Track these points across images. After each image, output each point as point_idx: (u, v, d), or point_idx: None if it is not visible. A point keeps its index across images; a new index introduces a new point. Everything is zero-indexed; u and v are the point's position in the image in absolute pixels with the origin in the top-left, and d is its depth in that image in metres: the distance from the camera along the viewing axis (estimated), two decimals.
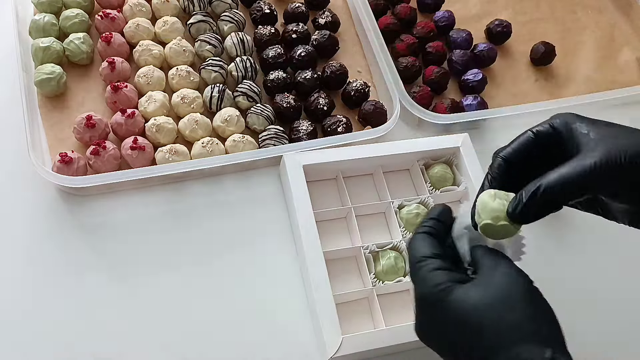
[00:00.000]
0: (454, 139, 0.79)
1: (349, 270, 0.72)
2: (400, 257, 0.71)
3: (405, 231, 0.73)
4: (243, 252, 0.72)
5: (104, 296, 0.67)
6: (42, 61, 0.77)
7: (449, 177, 0.78)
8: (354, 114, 0.85)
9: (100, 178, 0.70)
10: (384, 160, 0.77)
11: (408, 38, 0.91)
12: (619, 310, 0.75)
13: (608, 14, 1.07)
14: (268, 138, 0.77)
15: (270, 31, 0.86)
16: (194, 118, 0.76)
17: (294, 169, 0.72)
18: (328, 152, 0.75)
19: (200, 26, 0.85)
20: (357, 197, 0.76)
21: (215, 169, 0.75)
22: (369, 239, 0.73)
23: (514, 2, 1.05)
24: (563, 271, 0.77)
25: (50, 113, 0.77)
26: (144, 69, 0.79)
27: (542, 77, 0.96)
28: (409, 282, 0.69)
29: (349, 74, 0.86)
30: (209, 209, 0.74)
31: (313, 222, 0.69)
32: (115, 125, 0.75)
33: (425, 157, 0.79)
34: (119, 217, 0.72)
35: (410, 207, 0.75)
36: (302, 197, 0.71)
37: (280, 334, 0.67)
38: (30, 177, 0.70)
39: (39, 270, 0.67)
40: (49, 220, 0.70)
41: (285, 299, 0.70)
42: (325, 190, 0.77)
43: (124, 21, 0.84)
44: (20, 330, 0.64)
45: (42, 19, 0.79)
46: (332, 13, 0.91)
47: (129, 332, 0.65)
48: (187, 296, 0.68)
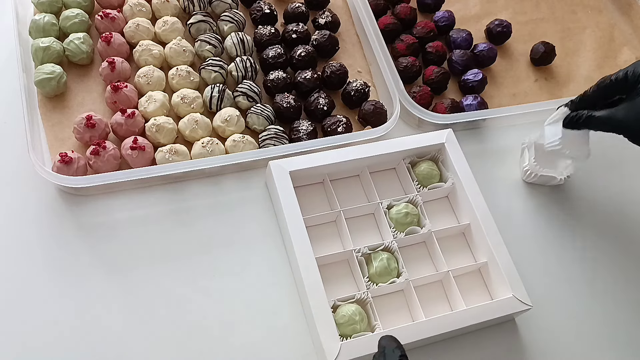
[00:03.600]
0: (438, 135, 0.79)
1: (342, 275, 0.72)
2: (393, 258, 0.71)
3: (396, 231, 0.73)
4: (243, 253, 0.72)
5: (103, 295, 0.67)
6: (42, 61, 0.77)
7: (436, 173, 0.78)
8: (354, 114, 0.85)
9: (100, 178, 0.70)
10: (370, 160, 0.77)
11: (408, 38, 0.91)
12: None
13: (608, 14, 1.07)
14: (268, 138, 0.77)
15: (270, 31, 0.87)
16: (194, 118, 0.76)
17: (281, 177, 0.72)
18: (314, 156, 0.75)
19: (200, 26, 0.85)
20: (345, 199, 0.76)
21: (215, 169, 0.75)
22: (360, 241, 0.73)
23: (514, 2, 1.05)
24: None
25: (50, 113, 0.77)
26: (144, 69, 0.79)
27: (542, 77, 0.96)
28: (403, 282, 0.69)
29: (349, 74, 0.86)
30: (209, 209, 0.74)
31: (304, 229, 0.69)
32: (115, 125, 0.75)
33: (411, 155, 0.79)
34: (119, 217, 0.72)
35: (399, 206, 0.75)
36: (291, 205, 0.70)
37: (279, 337, 0.67)
38: (30, 177, 0.71)
39: (38, 270, 0.67)
40: (49, 220, 0.70)
41: (285, 299, 0.70)
42: (313, 194, 0.77)
43: (124, 21, 0.84)
44: (20, 329, 0.64)
45: (42, 19, 0.79)
46: (332, 13, 0.91)
47: (128, 331, 0.65)
48: (187, 296, 0.68)
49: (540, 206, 0.82)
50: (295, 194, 0.71)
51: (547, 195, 0.83)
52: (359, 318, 0.65)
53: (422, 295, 0.70)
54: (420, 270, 0.73)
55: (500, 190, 0.83)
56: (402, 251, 0.72)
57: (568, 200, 0.84)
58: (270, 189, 0.75)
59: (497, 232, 0.73)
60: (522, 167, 0.83)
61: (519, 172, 0.85)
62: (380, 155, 0.77)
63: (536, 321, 0.73)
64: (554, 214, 0.82)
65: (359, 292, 0.68)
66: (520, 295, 0.69)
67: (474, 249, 0.76)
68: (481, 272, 0.75)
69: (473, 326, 0.67)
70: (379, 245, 0.72)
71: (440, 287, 0.73)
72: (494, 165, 0.85)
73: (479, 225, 0.73)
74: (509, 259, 0.71)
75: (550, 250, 0.79)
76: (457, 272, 0.72)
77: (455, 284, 0.71)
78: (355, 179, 0.79)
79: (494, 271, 0.72)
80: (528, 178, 0.83)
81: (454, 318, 0.67)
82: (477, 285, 0.74)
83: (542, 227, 0.81)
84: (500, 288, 0.71)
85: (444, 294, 0.73)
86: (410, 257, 0.74)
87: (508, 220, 0.79)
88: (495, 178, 0.84)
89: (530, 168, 0.81)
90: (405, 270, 0.70)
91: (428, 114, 0.82)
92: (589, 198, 0.84)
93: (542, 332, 0.73)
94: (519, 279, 0.70)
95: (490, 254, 0.72)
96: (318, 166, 0.74)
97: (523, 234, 0.80)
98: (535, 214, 0.82)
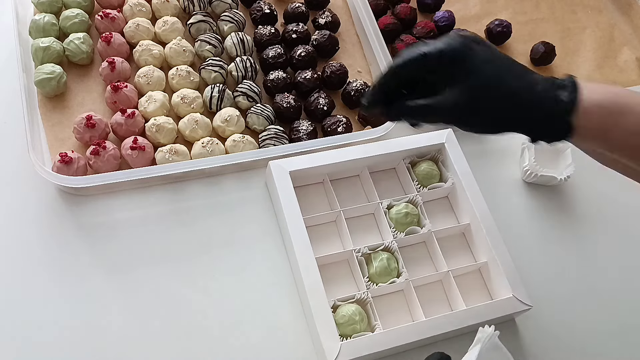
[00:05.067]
0: (438, 135, 0.79)
1: (342, 275, 0.72)
2: (393, 258, 0.71)
3: (396, 231, 0.73)
4: (243, 253, 0.72)
5: (103, 295, 0.67)
6: (42, 61, 0.77)
7: (435, 173, 0.78)
8: (354, 114, 0.85)
9: (100, 178, 0.70)
10: (370, 160, 0.77)
11: (408, 38, 0.91)
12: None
13: (608, 14, 1.07)
14: (268, 138, 0.77)
15: (270, 31, 0.86)
16: (194, 118, 0.76)
17: (281, 177, 0.72)
18: (314, 156, 0.75)
19: (200, 26, 0.85)
20: (345, 199, 0.76)
21: (215, 169, 0.75)
22: (360, 241, 0.73)
23: (514, 2, 1.05)
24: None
25: (50, 113, 0.77)
26: (144, 69, 0.79)
27: None
28: (403, 282, 0.69)
29: (349, 74, 0.86)
30: (209, 209, 0.74)
31: (304, 229, 0.69)
32: (115, 125, 0.75)
33: (411, 155, 0.79)
34: (119, 217, 0.72)
35: (399, 206, 0.75)
36: (291, 205, 0.70)
37: (279, 337, 0.67)
38: (30, 177, 0.70)
39: (38, 270, 0.67)
40: (49, 220, 0.70)
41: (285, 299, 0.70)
42: (313, 194, 0.77)
43: (124, 21, 0.84)
44: (20, 329, 0.64)
45: (42, 19, 0.79)
46: (332, 13, 0.91)
47: (128, 331, 0.65)
48: (187, 296, 0.68)
49: (540, 206, 0.82)
50: (295, 194, 0.71)
51: (547, 195, 0.83)
52: (359, 318, 0.65)
53: (422, 295, 0.70)
54: (420, 270, 0.73)
55: (500, 190, 0.83)
56: (402, 251, 0.72)
57: (568, 200, 0.84)
58: (270, 189, 0.75)
59: (497, 232, 0.73)
60: (522, 167, 0.83)
61: (519, 172, 0.85)
62: (380, 155, 0.76)
63: (536, 321, 0.73)
64: (554, 214, 0.82)
65: (359, 292, 0.68)
66: (520, 295, 0.69)
67: (474, 249, 0.76)
68: (481, 272, 0.75)
69: (473, 326, 0.67)
70: (379, 245, 0.72)
71: (440, 287, 0.73)
72: (494, 165, 0.85)
73: (479, 225, 0.73)
74: (509, 259, 0.71)
75: (550, 250, 0.79)
76: (457, 272, 0.72)
77: (455, 284, 0.70)
78: (355, 179, 0.79)
79: (494, 271, 0.72)
80: (528, 178, 0.83)
81: (454, 318, 0.67)
82: (477, 285, 0.74)
83: (542, 227, 0.81)
84: (500, 288, 0.71)
85: (444, 294, 0.73)
86: (410, 257, 0.74)
87: (508, 220, 0.79)
88: (495, 178, 0.84)
89: (530, 168, 0.81)
90: (405, 270, 0.70)
91: None
92: (589, 198, 0.84)
93: (542, 332, 0.72)
94: (519, 279, 0.70)
95: (490, 254, 0.72)
96: (318, 166, 0.74)
97: (523, 234, 0.80)
98: (535, 214, 0.82)
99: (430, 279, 0.72)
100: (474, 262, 0.75)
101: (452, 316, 0.67)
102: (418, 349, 0.68)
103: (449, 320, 0.66)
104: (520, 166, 0.84)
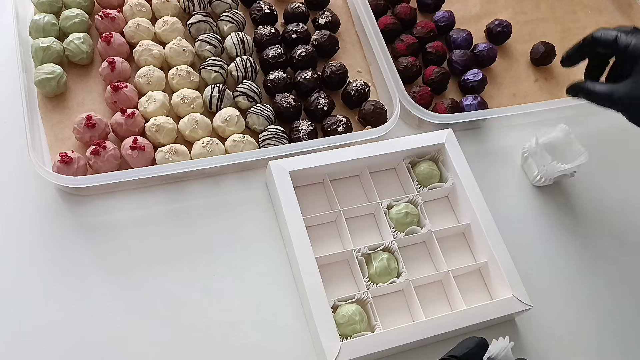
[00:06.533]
0: (438, 135, 0.79)
1: (342, 275, 0.72)
2: (393, 258, 0.71)
3: (396, 231, 0.73)
4: (243, 253, 0.72)
5: (103, 295, 0.67)
6: (42, 61, 0.77)
7: (436, 173, 0.78)
8: (354, 114, 0.85)
9: (100, 178, 0.70)
10: (370, 160, 0.77)
11: (408, 38, 0.91)
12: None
13: (608, 14, 1.07)
14: (268, 138, 0.77)
15: (270, 31, 0.87)
16: (194, 118, 0.76)
17: (281, 177, 0.72)
18: (314, 156, 0.75)
19: (200, 26, 0.85)
20: (345, 199, 0.76)
21: (215, 169, 0.75)
22: (360, 241, 0.73)
23: (514, 2, 1.05)
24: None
25: (50, 113, 0.77)
26: (144, 69, 0.79)
27: (542, 77, 0.96)
28: (403, 282, 0.69)
29: (349, 74, 0.86)
30: (209, 209, 0.74)
31: (304, 229, 0.69)
32: (115, 125, 0.75)
33: (411, 155, 0.79)
34: (119, 217, 0.72)
35: (399, 206, 0.75)
36: (291, 205, 0.70)
37: (279, 337, 0.67)
38: (30, 177, 0.71)
39: (38, 270, 0.67)
40: (49, 220, 0.70)
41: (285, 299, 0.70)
42: (313, 194, 0.77)
43: (124, 21, 0.84)
44: (20, 329, 0.64)
45: (42, 19, 0.79)
46: (332, 13, 0.91)
47: (128, 331, 0.65)
48: (187, 296, 0.68)
49: (540, 206, 0.82)
50: (295, 194, 0.71)
51: (547, 195, 0.83)
52: (359, 318, 0.65)
53: (422, 295, 0.70)
54: (420, 270, 0.73)
55: (500, 190, 0.83)
56: (402, 251, 0.72)
57: (568, 200, 0.84)
58: (270, 189, 0.75)
59: (497, 232, 0.73)
60: (532, 174, 0.82)
61: (519, 172, 0.85)
62: (380, 155, 0.76)
63: (536, 321, 0.73)
64: (554, 214, 0.82)
65: (359, 292, 0.68)
66: (520, 295, 0.69)
67: (474, 249, 0.76)
68: (481, 272, 0.75)
69: (473, 326, 0.67)
70: (379, 245, 0.72)
71: (440, 287, 0.73)
72: (494, 165, 0.85)
73: (479, 225, 0.73)
74: (509, 259, 0.71)
75: (551, 250, 0.79)
76: (457, 272, 0.72)
77: (455, 284, 0.71)
78: (355, 179, 0.79)
79: (494, 271, 0.72)
80: (538, 183, 0.82)
81: (454, 318, 0.67)
82: (477, 285, 0.74)
83: (543, 227, 0.81)
84: (500, 288, 0.71)
85: (444, 294, 0.73)
86: (410, 257, 0.74)
87: (508, 220, 0.79)
88: (495, 178, 0.84)
89: (541, 174, 0.81)
90: (405, 270, 0.70)
91: (428, 114, 0.82)
92: (589, 198, 0.84)
93: (542, 332, 0.73)
94: (519, 279, 0.70)
95: (490, 254, 0.72)
96: (318, 166, 0.74)
97: (523, 234, 0.80)
98: (535, 213, 0.82)
99: (430, 279, 0.72)
100: (474, 262, 0.75)
101: (452, 316, 0.67)
102: (418, 349, 0.68)
103: (449, 320, 0.66)
104: (526, 172, 0.84)
